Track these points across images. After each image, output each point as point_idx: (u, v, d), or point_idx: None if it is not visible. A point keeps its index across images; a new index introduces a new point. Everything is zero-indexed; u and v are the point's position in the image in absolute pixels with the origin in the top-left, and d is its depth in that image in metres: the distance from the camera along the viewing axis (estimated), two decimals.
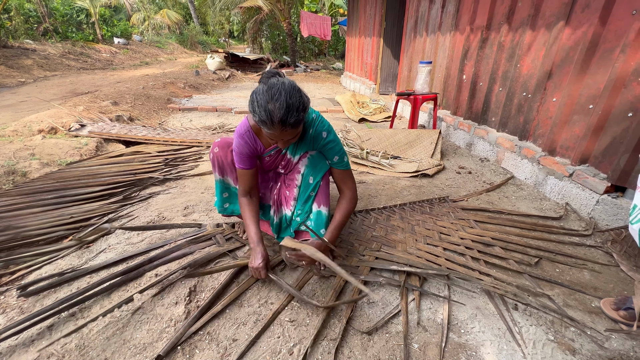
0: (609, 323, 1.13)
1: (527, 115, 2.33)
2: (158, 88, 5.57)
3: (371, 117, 4.37)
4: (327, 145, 1.26)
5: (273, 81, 1.02)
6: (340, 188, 1.33)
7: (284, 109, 0.98)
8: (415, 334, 1.08)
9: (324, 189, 1.30)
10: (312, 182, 1.29)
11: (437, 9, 3.53)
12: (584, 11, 1.87)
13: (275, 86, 1.00)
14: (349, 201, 1.30)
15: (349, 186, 1.31)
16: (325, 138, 1.25)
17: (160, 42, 16.22)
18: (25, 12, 10.30)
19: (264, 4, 10.98)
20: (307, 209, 1.34)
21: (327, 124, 1.27)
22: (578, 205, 1.90)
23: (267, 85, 1.01)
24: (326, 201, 1.30)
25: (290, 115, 0.99)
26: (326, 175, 1.30)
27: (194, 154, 2.82)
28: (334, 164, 1.29)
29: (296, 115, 1.01)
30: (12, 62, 7.36)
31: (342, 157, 1.29)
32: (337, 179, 1.32)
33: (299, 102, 1.01)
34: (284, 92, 0.99)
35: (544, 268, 1.41)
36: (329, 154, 1.27)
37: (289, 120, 1.00)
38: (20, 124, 3.12)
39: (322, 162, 1.28)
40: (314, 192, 1.30)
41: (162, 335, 1.04)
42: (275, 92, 0.99)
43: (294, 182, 1.34)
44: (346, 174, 1.30)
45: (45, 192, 1.95)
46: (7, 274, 1.31)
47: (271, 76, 1.08)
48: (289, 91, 1.00)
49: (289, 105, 0.98)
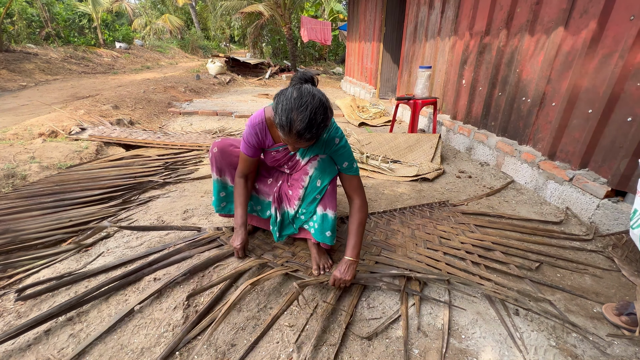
0: (611, 329, 1.12)
1: (527, 119, 2.34)
2: (159, 92, 5.59)
3: (371, 122, 4.38)
4: (338, 150, 1.25)
5: (305, 89, 1.00)
6: (350, 195, 1.31)
7: (305, 123, 0.97)
8: (415, 339, 1.07)
9: (331, 192, 1.29)
10: (319, 185, 1.28)
11: (436, 14, 3.56)
12: (582, 17, 1.88)
13: (305, 97, 0.98)
14: (361, 210, 1.27)
15: (358, 193, 1.29)
16: (337, 144, 1.24)
17: (162, 46, 16.33)
18: (28, 16, 10.38)
19: (265, 9, 11.08)
20: (311, 209, 1.33)
21: (341, 131, 1.27)
22: (578, 210, 1.89)
23: (297, 92, 0.99)
24: (333, 205, 1.29)
25: (309, 130, 0.98)
26: (334, 180, 1.30)
27: (194, 157, 2.82)
28: (344, 170, 1.28)
29: (315, 132, 1.00)
30: (14, 66, 7.39)
31: (352, 163, 1.28)
32: (346, 185, 1.31)
33: (322, 120, 1.00)
34: (310, 106, 0.97)
35: (545, 273, 1.40)
36: (339, 159, 1.27)
37: (305, 135, 0.99)
38: (21, 127, 3.13)
39: (332, 166, 1.27)
40: (320, 195, 1.29)
41: (160, 340, 1.03)
42: (303, 103, 0.97)
43: (299, 183, 1.33)
44: (355, 180, 1.29)
45: (45, 196, 1.94)
46: (5, 277, 1.31)
47: (304, 81, 1.07)
48: (317, 107, 0.98)
49: (311, 120, 0.97)
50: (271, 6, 11.23)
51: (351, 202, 1.31)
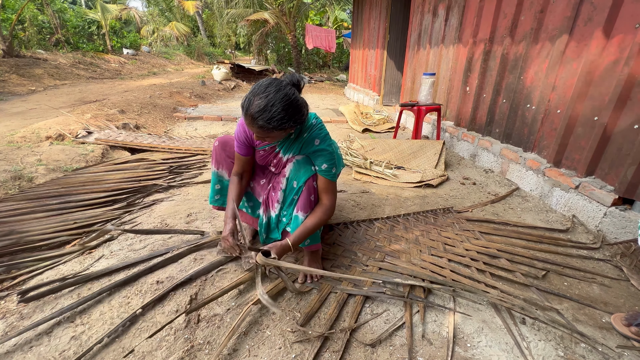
0: (621, 339, 1.09)
1: (532, 126, 2.33)
2: (164, 97, 5.66)
3: (375, 128, 4.39)
4: (316, 152, 1.26)
5: (278, 83, 1.07)
6: (320, 197, 1.31)
7: (259, 108, 1.03)
8: (420, 347, 1.05)
9: (305, 194, 1.28)
10: (295, 186, 1.29)
11: (440, 22, 3.59)
12: (586, 24, 1.89)
13: (272, 87, 1.05)
14: (324, 211, 1.28)
15: (329, 197, 1.30)
16: (316, 145, 1.26)
17: (168, 53, 16.59)
18: (39, 23, 10.62)
19: (270, 17, 11.24)
20: (291, 212, 1.34)
21: (325, 133, 1.28)
22: (585, 218, 1.87)
23: (267, 81, 1.07)
24: (305, 207, 1.28)
25: (260, 117, 1.04)
26: (309, 181, 1.27)
27: (198, 161, 2.84)
28: (321, 171, 1.27)
29: (266, 122, 1.04)
30: (24, 71, 7.54)
31: (331, 167, 1.27)
32: (319, 187, 1.30)
33: (277, 114, 1.04)
34: (271, 96, 1.04)
35: (551, 281, 1.38)
36: (317, 160, 1.27)
37: (257, 120, 1.04)
38: (28, 130, 3.17)
39: (307, 167, 1.27)
40: (296, 196, 1.30)
41: (162, 344, 1.02)
42: (265, 91, 1.04)
43: (279, 185, 1.35)
44: (329, 185, 1.29)
45: (50, 198, 1.96)
46: (9, 278, 1.31)
47: (289, 82, 1.11)
48: (278, 99, 1.04)
49: (265, 108, 1.03)
50: (276, 14, 11.40)
51: (319, 202, 1.31)
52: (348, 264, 1.44)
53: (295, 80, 1.13)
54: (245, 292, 1.26)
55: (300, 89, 1.15)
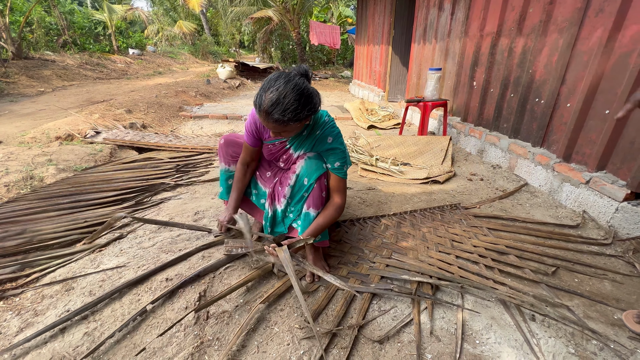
0: (633, 337, 1.08)
1: (541, 121, 2.29)
2: (170, 96, 5.70)
3: (380, 124, 4.36)
4: (329, 150, 1.27)
5: (286, 75, 1.07)
6: (332, 195, 1.33)
7: (272, 102, 1.02)
8: (428, 343, 1.05)
9: (316, 191, 1.28)
10: (306, 183, 1.29)
11: (446, 16, 3.54)
12: (597, 16, 1.84)
13: (281, 80, 1.04)
14: (336, 209, 1.29)
15: (341, 195, 1.31)
16: (330, 143, 1.27)
17: (173, 52, 16.68)
18: (47, 25, 10.76)
19: (274, 15, 11.22)
20: (299, 208, 1.34)
21: (337, 131, 1.29)
22: (596, 213, 1.84)
23: (276, 75, 1.07)
24: (317, 204, 1.28)
25: (275, 110, 1.03)
26: (321, 179, 1.28)
27: (205, 160, 2.86)
28: (333, 169, 1.28)
29: (281, 114, 1.03)
30: (33, 73, 7.66)
31: (343, 165, 1.29)
32: (331, 185, 1.31)
33: (290, 105, 1.03)
34: (282, 88, 1.03)
35: (561, 278, 1.36)
36: (329, 158, 1.28)
37: (272, 114, 1.03)
38: (38, 131, 3.23)
39: (319, 164, 1.28)
40: (307, 193, 1.30)
41: (172, 340, 1.03)
42: (275, 84, 1.04)
43: (287, 181, 1.35)
44: (341, 182, 1.31)
45: (61, 197, 1.99)
46: (23, 276, 1.34)
47: (297, 73, 1.11)
48: (289, 91, 1.03)
49: (277, 101, 1.02)
50: (280, 11, 11.37)
51: (330, 200, 1.33)
52: (355, 261, 1.44)
53: (303, 70, 1.12)
54: (253, 290, 1.27)
55: (309, 79, 1.15)
